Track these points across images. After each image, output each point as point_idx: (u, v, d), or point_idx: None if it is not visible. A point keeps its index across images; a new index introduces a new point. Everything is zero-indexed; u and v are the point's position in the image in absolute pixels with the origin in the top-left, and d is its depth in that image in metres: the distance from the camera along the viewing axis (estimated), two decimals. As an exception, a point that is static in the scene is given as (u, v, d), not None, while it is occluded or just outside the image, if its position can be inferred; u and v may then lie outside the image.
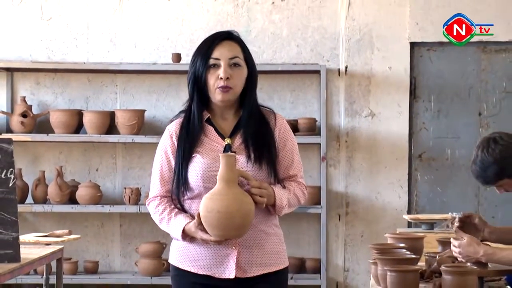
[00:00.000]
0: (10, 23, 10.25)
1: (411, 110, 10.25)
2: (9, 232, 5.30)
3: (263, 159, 3.87)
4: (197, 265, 3.91)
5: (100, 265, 10.06)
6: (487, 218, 9.52)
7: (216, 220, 3.69)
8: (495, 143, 5.05)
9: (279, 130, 4.01)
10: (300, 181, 4.08)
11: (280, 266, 4.03)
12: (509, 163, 4.99)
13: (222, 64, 3.88)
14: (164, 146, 4.04)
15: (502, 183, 5.07)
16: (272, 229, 4.02)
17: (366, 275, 9.59)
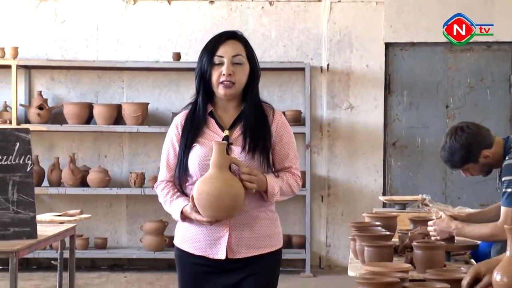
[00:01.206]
0: (27, 25, 10.22)
1: (386, 103, 10.25)
2: (27, 212, 5.28)
3: (256, 150, 3.83)
4: (194, 246, 3.88)
5: (108, 241, 10.06)
6: (453, 200, 9.58)
7: (207, 202, 3.65)
8: (462, 131, 5.06)
9: (276, 125, 3.96)
10: (295, 172, 4.03)
11: (272, 248, 3.97)
12: (474, 149, 4.99)
13: (225, 62, 3.83)
14: (171, 135, 3.98)
15: (467, 167, 5.08)
16: (266, 214, 3.96)
17: (345, 250, 9.59)
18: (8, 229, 5.23)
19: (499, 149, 5.00)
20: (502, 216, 4.82)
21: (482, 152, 4.99)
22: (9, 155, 5.31)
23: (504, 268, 3.10)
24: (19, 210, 5.28)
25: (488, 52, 10.19)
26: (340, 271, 9.41)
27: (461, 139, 5.00)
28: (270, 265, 3.96)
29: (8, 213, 5.26)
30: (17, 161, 5.33)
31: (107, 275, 9.68)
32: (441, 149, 5.15)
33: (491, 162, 5.02)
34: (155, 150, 9.91)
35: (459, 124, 5.17)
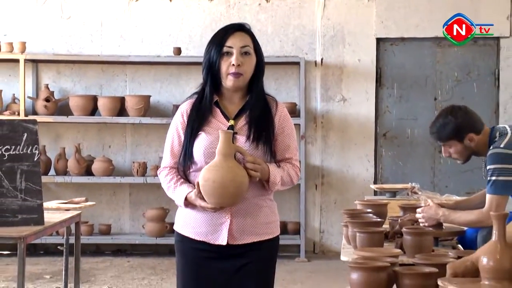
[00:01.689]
0: (35, 21, 10.21)
1: (377, 96, 10.25)
2: (34, 200, 5.28)
3: (260, 140, 3.80)
4: (195, 231, 3.84)
5: (112, 228, 10.07)
6: (441, 188, 9.59)
7: (212, 188, 3.62)
8: (459, 110, 5.09)
9: (279, 117, 3.93)
10: (295, 164, 3.97)
11: (271, 236, 3.94)
12: (464, 128, 5.00)
13: (234, 52, 3.81)
14: (176, 123, 3.93)
15: (450, 143, 5.08)
16: (266, 202, 3.93)
17: (338, 236, 9.60)
18: (16, 216, 5.23)
19: (485, 137, 5.03)
20: (487, 203, 4.83)
21: (469, 134, 5.01)
22: (17, 145, 5.31)
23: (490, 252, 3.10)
24: (27, 198, 5.28)
25: (474, 47, 10.19)
26: (333, 256, 9.42)
27: (457, 116, 5.03)
28: (268, 251, 3.94)
29: (16, 201, 5.26)
30: (25, 151, 5.33)
31: (111, 260, 9.69)
32: (433, 121, 5.18)
33: (474, 147, 5.04)
34: (156, 141, 9.91)
35: (458, 106, 5.21)
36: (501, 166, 4.83)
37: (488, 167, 4.88)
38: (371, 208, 5.30)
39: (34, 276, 8.58)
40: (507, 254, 3.09)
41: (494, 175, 4.82)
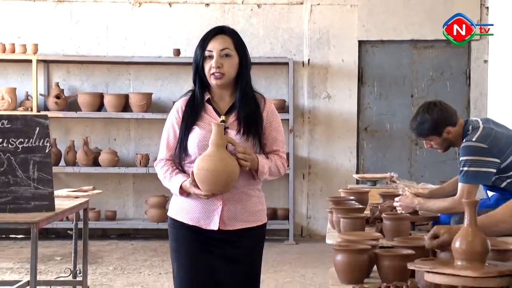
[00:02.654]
0: (46, 25, 10.19)
1: (359, 93, 10.26)
2: (46, 188, 5.27)
3: (250, 133, 3.77)
4: (188, 217, 3.80)
5: (117, 214, 10.06)
6: (417, 177, 9.59)
7: (205, 176, 3.59)
8: (435, 106, 5.07)
9: (267, 112, 3.89)
10: (282, 155, 3.92)
11: (259, 223, 3.92)
12: (441, 123, 5.00)
13: (214, 55, 3.76)
14: (171, 119, 3.91)
15: (431, 138, 5.09)
16: (254, 191, 3.90)
17: (324, 221, 9.60)
18: (29, 203, 5.23)
19: (460, 129, 5.03)
20: (459, 191, 4.83)
21: (447, 128, 5.00)
22: (30, 138, 5.30)
23: (462, 236, 3.10)
24: (39, 186, 5.27)
25: (447, 49, 10.20)
26: (319, 239, 9.42)
27: (433, 113, 5.02)
28: (256, 238, 3.92)
29: (29, 189, 5.25)
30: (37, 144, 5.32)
31: (116, 243, 9.69)
32: (412, 119, 5.17)
33: (452, 139, 5.04)
34: (158, 134, 9.77)
35: (434, 100, 5.21)
36: (473, 158, 4.83)
37: (460, 158, 4.89)
38: (353, 195, 5.30)
39: (46, 257, 8.57)
40: (477, 237, 3.09)
41: (466, 165, 4.82)
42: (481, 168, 4.82)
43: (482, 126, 4.95)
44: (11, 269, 8.00)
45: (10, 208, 5.19)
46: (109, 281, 7.48)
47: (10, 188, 5.20)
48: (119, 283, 7.39)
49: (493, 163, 4.83)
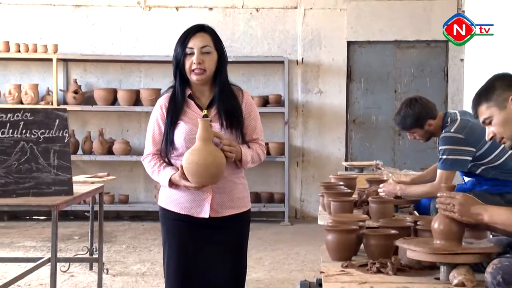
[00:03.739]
0: (65, 27, 10.18)
1: (348, 89, 10.25)
2: (65, 174, 5.27)
3: (232, 125, 3.67)
4: (180, 206, 3.69)
5: (130, 197, 10.07)
6: (400, 164, 9.60)
7: (195, 170, 3.48)
8: (416, 102, 5.09)
9: (245, 104, 3.77)
10: (261, 143, 3.82)
11: (244, 209, 3.80)
12: (422, 117, 5.02)
13: (195, 52, 3.62)
14: (155, 115, 3.78)
15: (414, 131, 5.11)
16: (239, 179, 3.79)
17: (316, 204, 9.61)
18: (50, 188, 5.23)
19: (439, 121, 5.06)
20: (438, 177, 4.85)
21: (428, 121, 5.03)
22: (51, 129, 5.30)
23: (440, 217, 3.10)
24: (59, 173, 5.27)
25: (427, 48, 10.20)
26: (312, 221, 9.43)
27: (414, 108, 5.04)
28: (242, 222, 3.81)
29: (50, 175, 5.25)
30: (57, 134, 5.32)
31: (128, 224, 9.69)
32: (396, 113, 5.18)
33: (433, 130, 5.07)
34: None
35: (414, 96, 5.22)
36: (451, 147, 4.84)
37: (440, 147, 4.90)
38: (342, 181, 5.30)
39: (66, 237, 8.58)
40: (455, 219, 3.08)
41: (445, 154, 4.84)
42: (458, 156, 4.83)
43: (459, 118, 4.97)
44: (34, 247, 8.01)
45: (33, 192, 5.19)
46: (122, 258, 7.49)
47: (33, 175, 5.21)
48: (131, 259, 7.39)
49: (469, 152, 4.84)
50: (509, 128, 3.19)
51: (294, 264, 7.27)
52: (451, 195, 3.04)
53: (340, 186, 5.11)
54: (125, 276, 6.70)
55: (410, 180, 5.41)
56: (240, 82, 3.93)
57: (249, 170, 3.84)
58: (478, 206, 3.01)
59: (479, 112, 3.27)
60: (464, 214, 2.99)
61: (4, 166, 5.15)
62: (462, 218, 3.00)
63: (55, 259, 5.08)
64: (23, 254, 7.63)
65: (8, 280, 5.81)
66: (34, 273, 6.30)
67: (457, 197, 3.03)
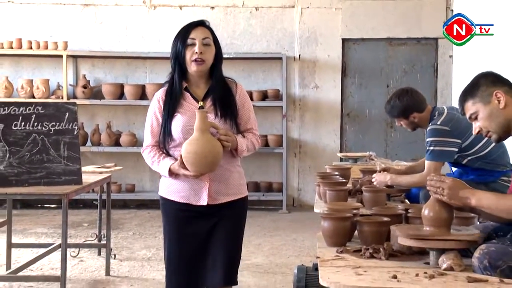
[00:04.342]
0: (75, 25, 10.17)
1: (343, 84, 10.24)
2: (74, 165, 5.28)
3: (227, 116, 3.64)
4: (179, 195, 3.67)
5: (136, 187, 10.07)
6: (392, 155, 9.60)
7: (194, 159, 3.47)
8: (406, 93, 5.11)
9: (239, 95, 3.73)
10: (255, 133, 3.80)
11: (240, 196, 3.76)
12: (408, 109, 5.04)
13: (197, 43, 3.62)
14: (153, 108, 3.73)
15: (400, 119, 5.15)
16: (235, 168, 3.76)
17: (312, 193, 9.61)
18: (60, 178, 5.24)
19: (427, 114, 5.08)
20: (426, 167, 4.86)
21: (413, 114, 5.07)
22: (61, 122, 5.31)
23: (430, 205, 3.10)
24: (69, 163, 5.28)
25: (418, 45, 10.19)
26: (308, 209, 9.43)
27: (403, 100, 5.07)
28: (239, 209, 3.79)
29: (60, 166, 5.26)
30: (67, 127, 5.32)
31: (135, 212, 9.70)
32: (387, 101, 5.22)
33: (417, 122, 5.11)
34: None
35: (406, 88, 5.25)
36: (437, 139, 4.85)
37: (427, 139, 4.91)
38: (337, 171, 5.31)
39: (75, 224, 8.58)
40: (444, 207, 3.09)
41: (432, 145, 4.85)
42: (444, 148, 4.84)
43: (446, 111, 4.98)
44: (45, 233, 8.02)
45: (44, 181, 5.20)
46: (129, 244, 7.49)
47: (44, 165, 5.21)
48: (137, 245, 7.40)
49: (455, 143, 4.85)
50: (494, 121, 3.22)
51: (292, 249, 7.28)
52: (441, 179, 3.06)
53: (335, 176, 5.11)
54: (132, 261, 6.71)
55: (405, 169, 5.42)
56: (240, 78, 3.94)
57: (249, 161, 3.84)
58: (466, 190, 3.03)
59: (466, 108, 3.30)
60: (452, 197, 3.01)
61: (17, 157, 5.15)
62: (450, 201, 3.02)
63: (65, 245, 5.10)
64: (35, 240, 7.64)
65: (22, 265, 5.83)
66: (46, 258, 6.32)
67: (446, 181, 3.04)
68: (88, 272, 6.28)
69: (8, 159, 5.14)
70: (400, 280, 2.74)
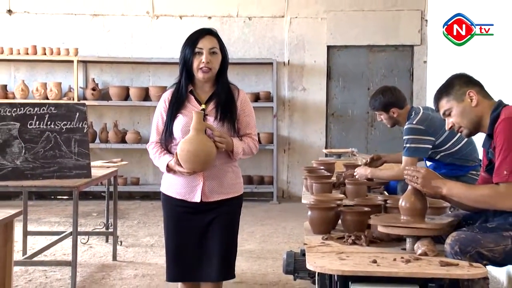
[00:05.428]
0: (85, 33, 10.14)
1: (328, 87, 10.24)
2: (84, 160, 5.26)
3: (225, 119, 3.54)
4: (176, 192, 3.58)
5: (140, 180, 10.05)
6: (372, 152, 9.61)
7: (187, 157, 3.39)
8: (389, 90, 5.13)
9: (240, 101, 3.63)
10: (254, 138, 3.68)
11: (236, 194, 3.63)
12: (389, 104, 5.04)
13: (204, 52, 3.52)
14: (160, 108, 3.67)
15: (380, 113, 5.15)
16: (231, 168, 3.64)
17: (300, 185, 9.61)
18: (71, 171, 5.23)
19: (405, 112, 5.11)
20: (403, 162, 4.87)
21: (393, 109, 5.07)
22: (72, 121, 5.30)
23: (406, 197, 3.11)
24: (79, 159, 5.26)
25: (396, 52, 10.20)
26: (296, 200, 9.43)
27: (385, 95, 5.09)
28: (234, 207, 3.67)
29: (71, 161, 5.25)
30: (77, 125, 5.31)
31: (139, 203, 9.68)
32: (372, 96, 5.24)
33: (397, 118, 5.12)
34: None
35: (390, 86, 5.26)
36: (413, 137, 4.86)
37: (404, 137, 4.92)
38: (323, 165, 5.31)
39: (85, 214, 8.56)
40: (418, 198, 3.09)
41: (408, 143, 4.86)
42: (419, 145, 4.84)
43: (422, 112, 4.99)
44: (58, 222, 8.00)
45: (57, 175, 5.19)
46: (134, 232, 7.48)
47: (57, 160, 5.20)
48: (141, 233, 7.39)
49: (429, 141, 4.86)
50: (466, 118, 3.24)
51: (282, 237, 7.28)
52: (417, 169, 3.11)
53: (321, 170, 5.12)
54: (136, 247, 6.70)
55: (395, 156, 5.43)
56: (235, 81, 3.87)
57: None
58: (439, 180, 3.08)
59: (440, 105, 3.31)
60: (425, 186, 3.06)
61: (32, 152, 5.14)
62: (423, 189, 3.07)
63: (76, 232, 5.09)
64: (48, 228, 7.62)
65: (37, 250, 5.82)
66: (58, 244, 6.30)
67: (421, 171, 3.09)
68: (97, 257, 6.27)
69: (24, 155, 5.13)
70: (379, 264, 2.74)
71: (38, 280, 5.43)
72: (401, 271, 2.65)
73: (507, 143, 2.99)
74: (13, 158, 5.11)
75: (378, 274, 2.66)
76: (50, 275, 5.58)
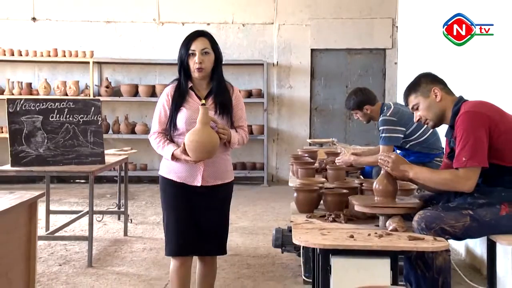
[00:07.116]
0: (99, 37, 10.09)
1: (311, 85, 10.23)
2: (99, 148, 5.25)
3: (224, 113, 3.49)
4: (177, 176, 3.50)
5: (148, 166, 10.03)
6: (350, 141, 9.61)
7: (195, 147, 3.33)
8: (360, 91, 5.13)
9: (235, 97, 3.58)
10: (245, 129, 3.63)
11: (228, 180, 3.58)
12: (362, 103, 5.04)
13: (197, 53, 3.48)
14: (162, 100, 3.59)
15: (356, 111, 5.14)
16: (226, 156, 3.59)
17: (287, 171, 9.62)
18: (87, 159, 5.22)
19: (378, 108, 5.10)
20: (380, 150, 4.87)
21: (366, 106, 5.07)
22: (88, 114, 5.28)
23: (380, 180, 3.11)
24: (94, 147, 5.25)
25: (371, 54, 10.19)
26: (284, 183, 9.44)
27: (357, 95, 5.10)
28: (226, 191, 3.62)
29: (87, 149, 5.23)
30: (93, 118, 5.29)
31: (147, 186, 9.67)
32: (346, 98, 5.26)
33: (370, 114, 5.12)
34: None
35: (360, 87, 5.26)
36: (387, 127, 4.86)
37: (379, 128, 4.93)
38: (307, 153, 5.31)
39: (100, 195, 8.55)
40: (390, 182, 3.09)
41: (384, 133, 4.86)
42: (393, 134, 4.85)
43: (393, 106, 5.00)
44: (76, 203, 7.98)
45: (75, 162, 5.18)
46: (142, 211, 7.47)
47: (75, 149, 5.20)
48: (149, 212, 7.38)
49: (401, 130, 4.88)
50: (431, 111, 3.25)
51: (271, 215, 7.29)
52: (388, 155, 3.13)
53: (305, 157, 5.12)
54: (145, 224, 6.69)
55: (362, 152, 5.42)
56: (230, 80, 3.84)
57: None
58: (406, 165, 3.10)
59: (409, 100, 3.33)
60: (394, 169, 3.07)
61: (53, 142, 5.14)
62: (393, 172, 3.08)
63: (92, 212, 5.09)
64: (68, 208, 7.60)
65: (58, 227, 5.81)
66: (77, 222, 6.29)
67: (392, 157, 3.11)
68: (110, 233, 6.27)
69: (46, 144, 5.12)
70: (356, 239, 2.75)
71: (59, 253, 5.42)
72: (374, 244, 2.66)
73: (466, 133, 2.99)
74: (37, 147, 5.10)
75: (355, 248, 2.66)
76: (69, 249, 5.58)
